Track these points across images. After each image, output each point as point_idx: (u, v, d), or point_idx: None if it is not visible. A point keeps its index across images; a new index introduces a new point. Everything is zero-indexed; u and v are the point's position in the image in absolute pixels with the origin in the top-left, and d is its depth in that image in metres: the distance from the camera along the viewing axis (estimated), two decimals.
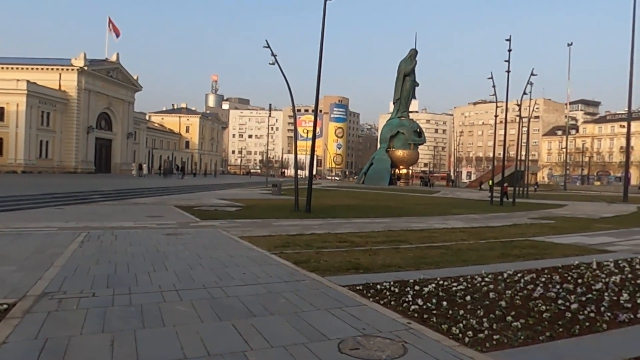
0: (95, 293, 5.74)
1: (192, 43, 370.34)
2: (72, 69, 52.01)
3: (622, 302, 5.89)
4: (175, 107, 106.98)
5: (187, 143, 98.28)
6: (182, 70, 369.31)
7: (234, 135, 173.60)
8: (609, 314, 5.34)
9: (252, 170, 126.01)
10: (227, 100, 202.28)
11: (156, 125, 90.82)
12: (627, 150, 44.95)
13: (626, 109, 43.03)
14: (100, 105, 57.05)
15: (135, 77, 63.28)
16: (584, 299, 6.01)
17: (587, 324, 5.02)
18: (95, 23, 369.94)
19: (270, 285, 6.40)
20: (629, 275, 7.51)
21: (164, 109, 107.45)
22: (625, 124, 51.33)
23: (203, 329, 4.57)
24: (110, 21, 56.23)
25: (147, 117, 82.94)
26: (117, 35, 57.11)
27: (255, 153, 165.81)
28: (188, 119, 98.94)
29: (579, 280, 7.05)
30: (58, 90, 51.69)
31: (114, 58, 58.39)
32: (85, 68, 52.40)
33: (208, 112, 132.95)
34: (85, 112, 53.64)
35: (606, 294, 6.28)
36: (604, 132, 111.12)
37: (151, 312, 5.02)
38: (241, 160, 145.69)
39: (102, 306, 5.18)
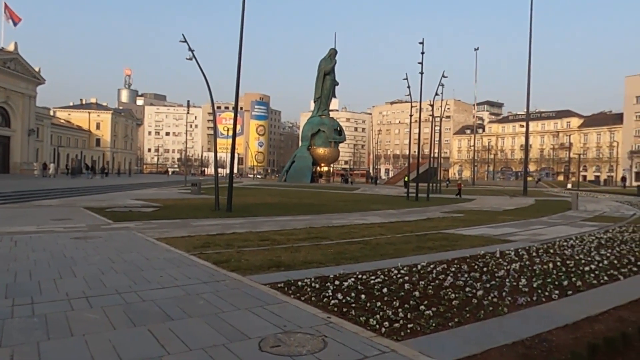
0: None
1: (102, 34, 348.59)
2: None
3: (520, 287, 6.46)
4: (84, 102, 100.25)
5: (98, 141, 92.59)
6: (91, 63, 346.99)
7: (149, 133, 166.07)
8: (509, 299, 5.84)
9: (170, 169, 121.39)
10: (141, 95, 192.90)
11: (62, 121, 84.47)
12: (525, 148, 49.22)
13: (525, 109, 47.00)
14: None
15: (37, 69, 58.26)
16: (488, 285, 6.50)
17: (491, 308, 5.44)
18: None
19: (189, 287, 6.23)
20: (527, 262, 8.25)
21: (71, 104, 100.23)
22: (524, 123, 56.03)
23: (116, 336, 4.34)
24: (6, 7, 51.31)
25: (51, 113, 76.94)
26: (16, 23, 52.27)
27: (174, 151, 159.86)
28: (99, 115, 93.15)
29: (485, 269, 7.62)
30: None
31: (11, 47, 53.30)
32: None
33: (121, 107, 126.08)
34: None
35: (507, 280, 6.84)
36: (507, 131, 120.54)
37: (57, 322, 4.68)
38: (158, 159, 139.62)
39: None
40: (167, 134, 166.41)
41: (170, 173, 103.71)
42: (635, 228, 14.45)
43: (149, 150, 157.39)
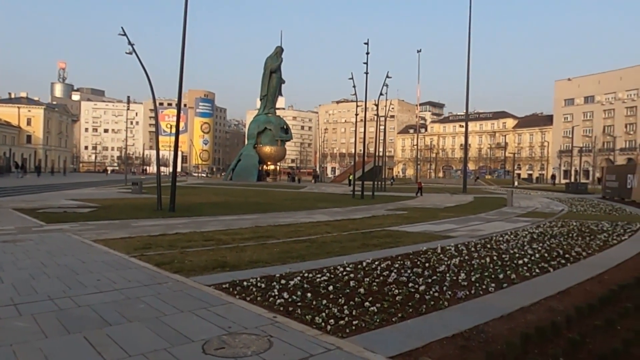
0: None
1: (33, 24, 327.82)
2: None
3: (460, 281, 6.71)
4: (13, 96, 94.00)
5: (29, 137, 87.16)
6: (21, 54, 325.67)
7: (87, 130, 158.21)
8: (449, 293, 6.05)
9: (109, 168, 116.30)
10: (77, 90, 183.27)
11: None
12: (465, 147, 51.25)
13: (465, 110, 49.03)
14: None
15: None
16: (430, 280, 6.71)
17: (432, 302, 5.61)
18: None
19: (129, 290, 5.98)
20: (466, 257, 8.59)
21: None
22: (464, 124, 58.34)
23: (48, 345, 4.09)
24: None
25: None
26: None
27: (113, 149, 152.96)
28: (29, 110, 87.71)
29: (427, 264, 7.86)
30: None
31: None
32: None
33: (54, 102, 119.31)
34: None
35: (448, 275, 7.09)
36: (448, 131, 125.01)
37: None
38: (96, 157, 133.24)
39: None
40: (106, 130, 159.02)
41: (109, 172, 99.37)
42: (563, 223, 15.45)
43: (86, 147, 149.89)
